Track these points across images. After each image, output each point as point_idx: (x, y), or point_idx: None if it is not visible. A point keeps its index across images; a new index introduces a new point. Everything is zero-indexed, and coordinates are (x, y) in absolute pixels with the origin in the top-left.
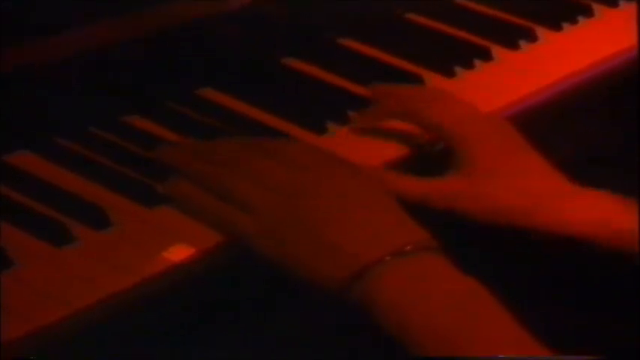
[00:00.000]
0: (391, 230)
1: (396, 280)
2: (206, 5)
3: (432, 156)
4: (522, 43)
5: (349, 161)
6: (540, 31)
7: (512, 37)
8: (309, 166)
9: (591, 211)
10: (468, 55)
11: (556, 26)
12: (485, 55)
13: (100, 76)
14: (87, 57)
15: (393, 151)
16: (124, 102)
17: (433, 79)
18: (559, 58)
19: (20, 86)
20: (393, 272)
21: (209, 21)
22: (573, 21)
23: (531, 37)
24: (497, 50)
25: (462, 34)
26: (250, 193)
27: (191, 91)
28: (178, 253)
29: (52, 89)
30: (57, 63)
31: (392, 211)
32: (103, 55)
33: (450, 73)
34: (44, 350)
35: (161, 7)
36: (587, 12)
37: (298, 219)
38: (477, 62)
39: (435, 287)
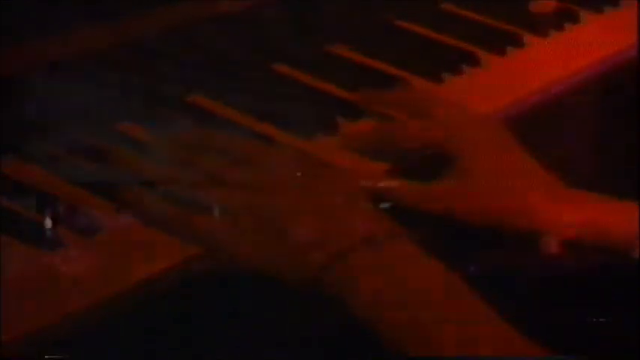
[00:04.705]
0: (358, 220)
1: (366, 266)
2: (194, 9)
3: (418, 161)
4: (509, 49)
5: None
6: (527, 37)
7: (499, 43)
8: (267, 163)
9: (578, 213)
10: (455, 61)
11: (542, 32)
12: (473, 61)
13: (88, 81)
14: (73, 61)
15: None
16: (113, 107)
17: (421, 85)
18: (545, 64)
19: (5, 92)
20: (362, 260)
21: (197, 25)
22: (559, 27)
23: (518, 43)
24: (484, 56)
25: (450, 40)
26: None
27: (179, 95)
28: (166, 259)
29: (39, 94)
30: (43, 68)
31: (356, 203)
32: (90, 59)
33: (437, 79)
34: (31, 355)
35: (149, 11)
36: (573, 18)
37: (263, 217)
38: (465, 68)
39: (406, 270)
